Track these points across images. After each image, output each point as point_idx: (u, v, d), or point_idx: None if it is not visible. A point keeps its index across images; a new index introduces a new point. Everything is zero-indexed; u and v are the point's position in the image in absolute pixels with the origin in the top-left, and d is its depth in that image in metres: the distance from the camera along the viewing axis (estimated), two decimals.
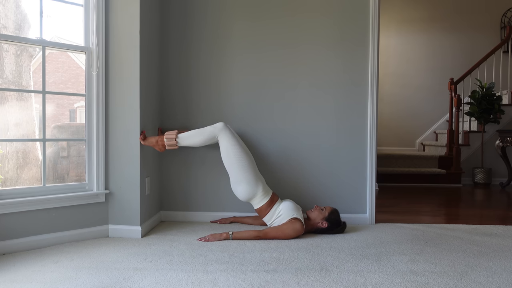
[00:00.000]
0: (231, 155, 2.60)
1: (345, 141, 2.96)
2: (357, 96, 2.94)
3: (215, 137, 2.62)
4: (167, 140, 2.60)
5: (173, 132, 2.62)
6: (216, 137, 2.62)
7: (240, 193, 2.64)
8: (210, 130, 2.62)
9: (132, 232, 2.54)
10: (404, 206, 3.77)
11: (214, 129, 2.62)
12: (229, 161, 2.62)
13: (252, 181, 2.61)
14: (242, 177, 2.60)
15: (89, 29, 2.51)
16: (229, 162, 2.62)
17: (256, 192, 2.62)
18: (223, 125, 2.63)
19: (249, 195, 2.62)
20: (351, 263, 2.08)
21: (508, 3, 6.37)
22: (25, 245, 2.27)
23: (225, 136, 2.61)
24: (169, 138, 2.60)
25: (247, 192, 2.61)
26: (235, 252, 2.25)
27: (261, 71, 2.98)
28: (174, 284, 1.80)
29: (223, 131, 2.61)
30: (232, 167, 2.62)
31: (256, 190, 2.62)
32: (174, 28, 3.00)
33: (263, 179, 2.72)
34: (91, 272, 1.93)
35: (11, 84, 2.79)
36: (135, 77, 2.53)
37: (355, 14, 2.93)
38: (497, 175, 5.54)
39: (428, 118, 6.51)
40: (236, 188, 2.65)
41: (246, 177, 2.60)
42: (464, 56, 6.37)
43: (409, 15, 6.52)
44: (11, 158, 2.75)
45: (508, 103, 5.63)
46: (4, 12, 2.65)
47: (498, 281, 1.86)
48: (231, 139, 2.61)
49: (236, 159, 2.59)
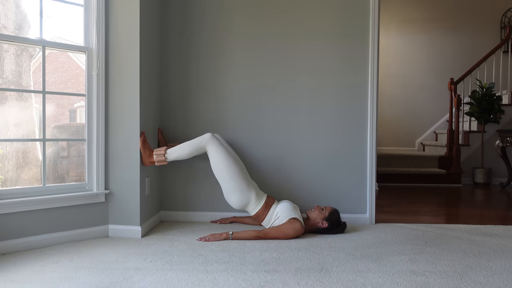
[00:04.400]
0: (220, 166, 2.61)
1: (345, 142, 2.96)
2: (357, 97, 2.94)
3: (203, 147, 2.64)
4: (156, 156, 2.61)
5: (162, 149, 2.64)
6: (204, 147, 2.64)
7: (233, 202, 2.65)
8: (198, 141, 2.64)
9: (132, 232, 2.54)
10: (404, 206, 3.77)
11: (202, 139, 2.64)
12: (220, 172, 2.63)
13: (244, 189, 2.61)
14: (233, 186, 2.61)
15: (89, 29, 2.51)
16: (219, 173, 2.63)
17: (250, 199, 2.63)
18: (211, 135, 2.64)
19: (243, 203, 2.63)
20: (351, 263, 2.08)
21: (508, 3, 6.37)
22: (25, 245, 2.27)
23: (213, 146, 2.62)
24: (158, 155, 2.62)
25: (240, 200, 2.62)
26: (235, 252, 2.25)
27: (261, 70, 2.98)
28: (174, 284, 1.80)
29: (210, 142, 2.62)
30: (222, 177, 2.63)
31: (249, 197, 2.62)
32: (174, 28, 3.00)
33: (256, 185, 2.73)
34: (91, 272, 1.93)
35: (11, 84, 2.79)
36: (135, 77, 2.53)
37: (355, 15, 2.93)
38: (497, 175, 5.54)
39: (428, 118, 6.51)
40: (229, 197, 2.66)
41: (237, 185, 2.60)
42: (464, 56, 6.37)
43: (410, 15, 6.52)
44: (11, 158, 2.75)
45: (508, 103, 5.63)
46: (4, 12, 2.65)
47: (498, 281, 1.86)
48: (219, 149, 2.62)
49: (226, 169, 2.60)
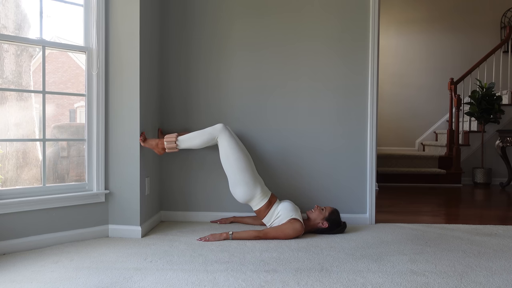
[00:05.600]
0: (230, 157, 2.60)
1: (345, 142, 2.96)
2: (357, 97, 2.94)
3: (214, 138, 2.62)
4: (167, 143, 2.60)
5: (173, 135, 2.63)
6: (215, 138, 2.62)
7: (238, 195, 2.64)
8: (209, 132, 2.62)
9: (132, 232, 2.54)
10: (404, 206, 3.77)
11: (213, 130, 2.62)
12: (228, 163, 2.62)
13: (251, 183, 2.61)
14: (240, 179, 2.60)
15: (89, 29, 2.51)
16: (228, 164, 2.62)
17: (255, 193, 2.62)
18: (223, 126, 2.63)
19: (248, 197, 2.62)
20: (351, 263, 2.08)
21: (508, 3, 6.37)
22: (25, 245, 2.27)
23: (224, 137, 2.61)
24: (169, 141, 2.61)
25: (246, 194, 2.61)
26: (235, 252, 2.25)
27: (262, 71, 2.98)
28: (174, 284, 1.80)
29: (222, 132, 2.61)
30: (230, 169, 2.62)
31: (254, 191, 2.62)
32: (174, 28, 3.00)
33: (262, 181, 2.72)
34: (91, 272, 1.93)
35: (11, 84, 2.79)
36: (135, 77, 2.53)
37: (355, 15, 2.92)
38: (497, 175, 5.54)
39: (428, 118, 6.51)
40: (234, 190, 2.65)
41: (244, 179, 2.60)
42: (464, 56, 6.37)
43: (410, 15, 6.52)
44: (11, 158, 2.75)
45: (508, 103, 5.63)
46: (4, 12, 2.65)
47: (498, 281, 1.86)
48: (230, 140, 2.61)
49: (234, 161, 2.59)
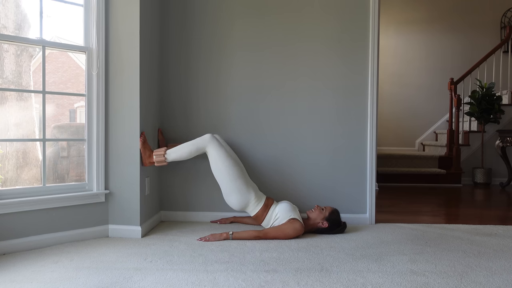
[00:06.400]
0: (220, 167, 2.61)
1: (345, 142, 2.96)
2: (357, 97, 2.94)
3: (203, 148, 2.64)
4: (156, 157, 2.61)
5: (161, 149, 2.64)
6: (204, 148, 2.64)
7: (233, 203, 2.65)
8: (197, 142, 2.63)
9: (132, 232, 2.54)
10: (404, 206, 3.77)
11: (201, 141, 2.63)
12: (219, 173, 2.63)
13: (244, 190, 2.61)
14: (233, 186, 2.61)
15: (89, 29, 2.51)
16: (219, 173, 2.63)
17: (249, 199, 2.63)
18: (211, 136, 2.64)
19: (242, 204, 2.63)
20: (351, 263, 2.08)
21: (508, 3, 6.37)
22: (25, 245, 2.27)
23: (213, 147, 2.61)
24: (158, 155, 2.62)
25: (240, 201, 2.62)
26: (235, 252, 2.25)
27: (261, 71, 2.98)
28: (174, 284, 1.80)
29: (210, 143, 2.62)
30: (222, 178, 2.63)
31: (248, 197, 2.62)
32: (174, 28, 3.00)
33: (255, 186, 2.73)
34: (91, 272, 1.93)
35: (11, 84, 2.79)
36: (135, 77, 2.53)
37: (355, 15, 2.92)
38: (497, 175, 5.54)
39: (428, 118, 6.51)
40: (228, 198, 2.65)
41: (237, 186, 2.60)
42: (464, 56, 6.37)
43: (409, 15, 6.52)
44: (11, 158, 2.75)
45: (508, 103, 5.63)
46: (4, 12, 2.65)
47: (498, 281, 1.86)
48: (219, 150, 2.61)
49: (225, 169, 2.60)
